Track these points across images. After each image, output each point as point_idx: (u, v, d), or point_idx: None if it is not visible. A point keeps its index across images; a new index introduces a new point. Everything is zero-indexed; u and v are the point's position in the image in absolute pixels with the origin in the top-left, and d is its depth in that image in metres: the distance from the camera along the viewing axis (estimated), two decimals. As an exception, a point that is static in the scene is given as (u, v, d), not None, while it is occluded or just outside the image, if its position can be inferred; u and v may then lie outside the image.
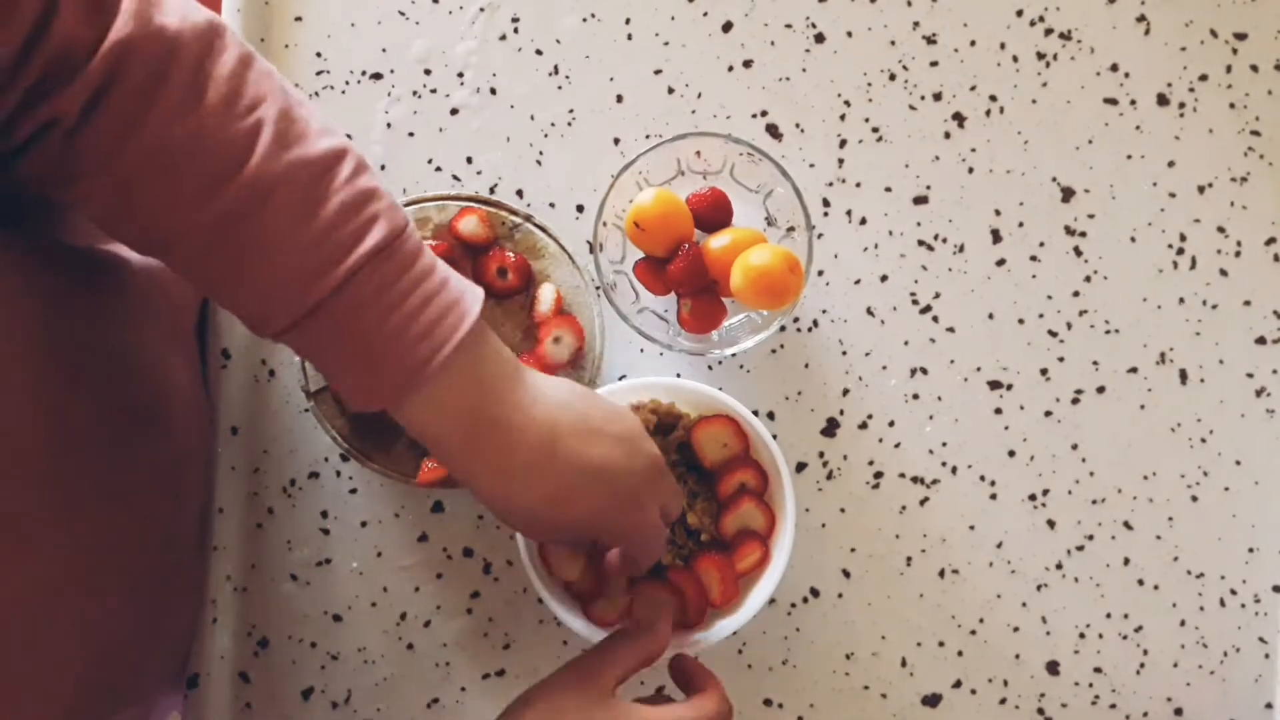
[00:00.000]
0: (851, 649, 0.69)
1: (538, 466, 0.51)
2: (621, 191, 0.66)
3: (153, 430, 0.57)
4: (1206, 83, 0.72)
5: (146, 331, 0.58)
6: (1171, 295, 0.71)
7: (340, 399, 0.66)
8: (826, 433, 0.70)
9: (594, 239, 0.65)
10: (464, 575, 0.69)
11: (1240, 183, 0.72)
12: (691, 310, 0.68)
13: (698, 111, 0.72)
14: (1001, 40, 0.73)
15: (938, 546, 0.70)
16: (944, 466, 0.70)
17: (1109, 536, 0.70)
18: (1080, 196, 0.72)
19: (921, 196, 0.72)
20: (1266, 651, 0.70)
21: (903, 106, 0.72)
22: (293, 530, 0.69)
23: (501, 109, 0.72)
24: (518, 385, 0.52)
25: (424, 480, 0.65)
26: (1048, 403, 0.71)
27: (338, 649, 0.69)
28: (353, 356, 0.48)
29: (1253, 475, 0.71)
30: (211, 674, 0.67)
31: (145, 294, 0.59)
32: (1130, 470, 0.70)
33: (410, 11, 0.72)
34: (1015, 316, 0.71)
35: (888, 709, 0.69)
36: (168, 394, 0.59)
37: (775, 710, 0.69)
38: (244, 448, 0.69)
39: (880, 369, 0.71)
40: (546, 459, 0.51)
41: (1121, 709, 0.69)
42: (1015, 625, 0.70)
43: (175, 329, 0.64)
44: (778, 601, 0.69)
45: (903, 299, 0.71)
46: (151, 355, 0.58)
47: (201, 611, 0.67)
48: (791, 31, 0.73)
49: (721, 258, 0.66)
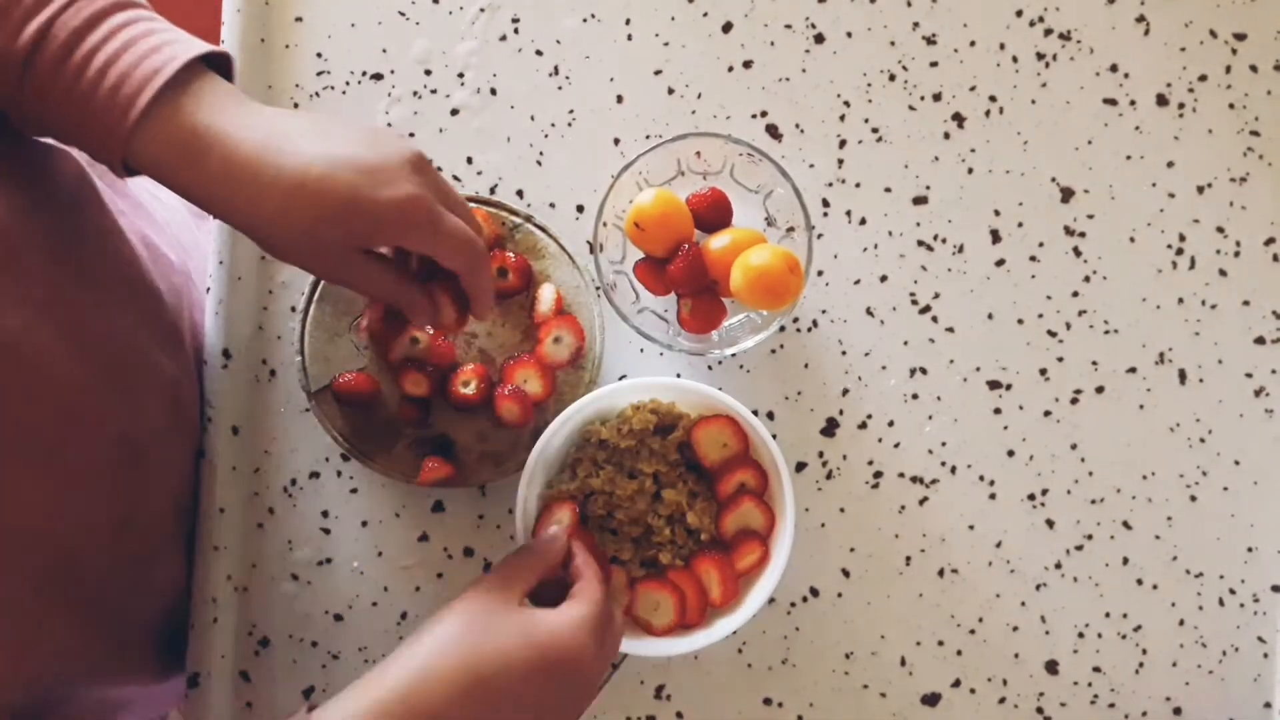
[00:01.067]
0: (851, 648, 0.69)
1: (267, 169, 0.50)
2: (621, 192, 0.66)
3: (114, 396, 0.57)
4: (1206, 83, 0.73)
5: (118, 314, 0.59)
6: (1171, 295, 0.71)
7: (335, 397, 0.67)
8: (826, 433, 0.70)
9: (594, 239, 0.65)
10: (464, 575, 0.69)
11: (1240, 183, 0.72)
12: (691, 310, 0.68)
13: (698, 112, 0.72)
14: (1001, 40, 0.73)
15: (937, 546, 0.70)
16: (943, 466, 0.70)
17: (1108, 536, 0.70)
18: (1080, 197, 0.72)
19: (921, 197, 0.72)
20: (1265, 651, 0.70)
21: (902, 107, 0.72)
22: (293, 530, 0.69)
23: (501, 109, 0.72)
24: (239, 110, 0.51)
25: (424, 480, 0.66)
26: (1047, 403, 0.71)
27: (338, 648, 0.69)
28: (67, 113, 0.49)
29: (1251, 475, 0.71)
30: (212, 674, 0.67)
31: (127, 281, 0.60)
32: (1129, 470, 0.71)
33: (410, 12, 0.73)
34: (1015, 316, 0.71)
35: (887, 708, 0.69)
36: (134, 367, 0.59)
37: (775, 709, 0.69)
38: (244, 448, 0.69)
39: (880, 369, 0.71)
40: (274, 159, 0.50)
41: (1120, 708, 0.70)
42: (1014, 625, 0.70)
43: (153, 317, 0.64)
44: (777, 601, 0.69)
45: (902, 299, 0.71)
46: (121, 329, 0.58)
47: (201, 611, 0.67)
48: (791, 32, 0.73)
49: (721, 258, 0.66)
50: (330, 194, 0.51)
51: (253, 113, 0.52)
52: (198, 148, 0.50)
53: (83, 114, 0.49)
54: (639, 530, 0.65)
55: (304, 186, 0.50)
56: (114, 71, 0.49)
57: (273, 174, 0.50)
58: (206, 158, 0.50)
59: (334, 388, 0.67)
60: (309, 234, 0.51)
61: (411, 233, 0.53)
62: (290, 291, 0.71)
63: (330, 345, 0.68)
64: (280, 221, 0.51)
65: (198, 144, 0.50)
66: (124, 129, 0.49)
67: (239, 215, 0.51)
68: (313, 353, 0.68)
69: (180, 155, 0.50)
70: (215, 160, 0.50)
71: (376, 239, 0.53)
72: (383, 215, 0.52)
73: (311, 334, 0.68)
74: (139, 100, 0.49)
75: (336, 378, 0.67)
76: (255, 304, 0.70)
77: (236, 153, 0.50)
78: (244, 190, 0.50)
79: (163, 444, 0.63)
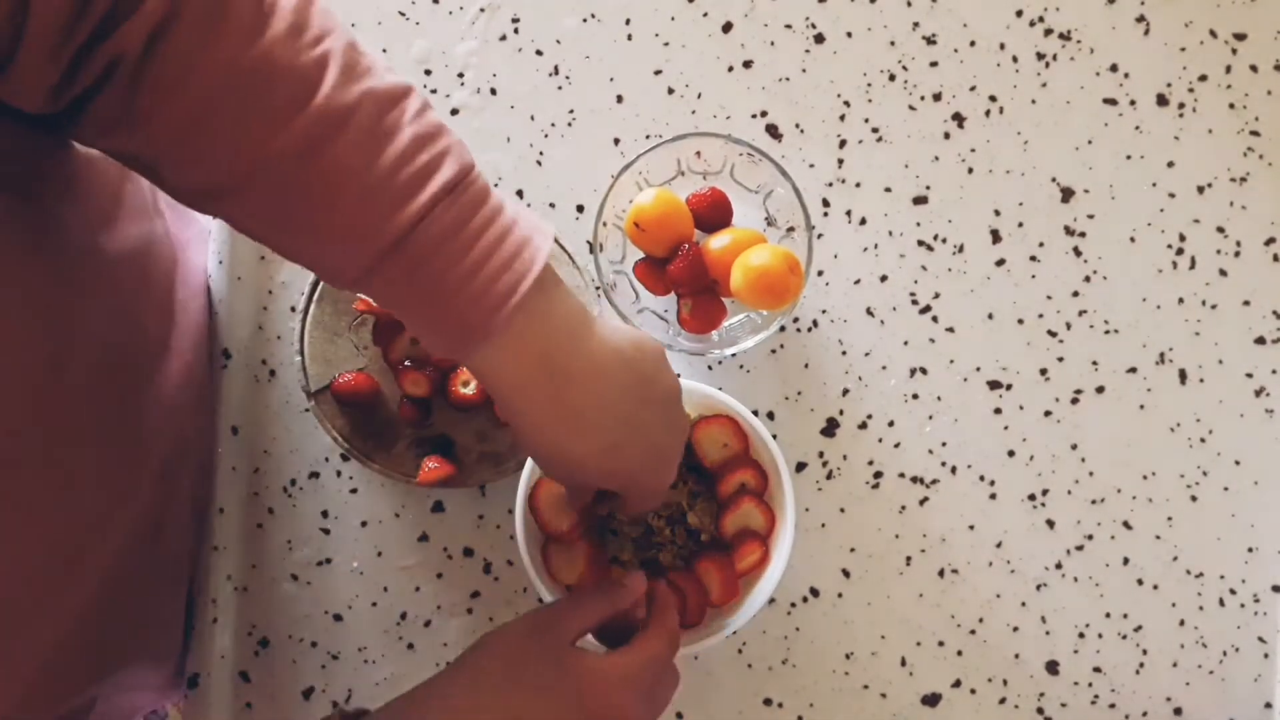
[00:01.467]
0: (851, 649, 0.69)
1: (596, 419, 0.50)
2: (621, 191, 0.66)
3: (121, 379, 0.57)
4: (1206, 83, 0.73)
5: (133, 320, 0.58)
6: (1171, 295, 0.71)
7: (338, 396, 0.67)
8: (826, 433, 0.70)
9: (594, 239, 0.65)
10: (464, 575, 0.69)
11: (1240, 183, 0.72)
12: (691, 310, 0.68)
13: (698, 111, 0.72)
14: (1001, 40, 0.73)
15: (937, 546, 0.70)
16: (944, 466, 0.70)
17: (1108, 536, 0.70)
18: (1080, 196, 0.72)
19: (921, 196, 0.72)
20: (1266, 651, 0.70)
21: (903, 106, 0.72)
22: (293, 530, 0.69)
23: (501, 109, 0.72)
24: (588, 333, 0.50)
25: (424, 480, 0.66)
26: (1047, 403, 0.71)
27: (338, 649, 0.69)
28: (428, 300, 0.46)
29: (1252, 475, 0.71)
30: (212, 674, 0.67)
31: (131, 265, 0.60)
32: (1130, 470, 0.70)
33: (410, 11, 0.72)
34: (1015, 316, 0.71)
35: (887, 709, 0.69)
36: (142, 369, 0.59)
37: (775, 710, 0.69)
38: (244, 448, 0.69)
39: (880, 369, 0.71)
40: (606, 412, 0.50)
41: (1121, 708, 0.70)
42: (1015, 625, 0.70)
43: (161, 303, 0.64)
44: (778, 601, 0.69)
45: (902, 299, 0.71)
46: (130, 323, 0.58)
47: (201, 611, 0.67)
48: (791, 32, 0.73)
49: (721, 258, 0.66)
50: (627, 463, 0.52)
51: (594, 348, 0.51)
52: (543, 381, 0.49)
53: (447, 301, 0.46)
54: (639, 530, 0.65)
55: (613, 454, 0.51)
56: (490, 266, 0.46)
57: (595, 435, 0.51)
58: (546, 393, 0.49)
59: (334, 388, 0.67)
60: (587, 480, 0.54)
61: (644, 504, 0.57)
62: (290, 291, 0.71)
63: (330, 345, 0.68)
64: (575, 467, 0.52)
65: (544, 377, 0.49)
66: (489, 328, 0.46)
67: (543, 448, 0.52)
68: (312, 353, 0.67)
69: (523, 375, 0.49)
70: (553, 397, 0.49)
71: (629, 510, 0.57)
72: (644, 493, 0.55)
73: (311, 334, 0.68)
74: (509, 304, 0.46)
75: (336, 378, 0.67)
76: (255, 304, 0.70)
77: (577, 402, 0.50)
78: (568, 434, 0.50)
79: (187, 447, 0.63)
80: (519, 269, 0.46)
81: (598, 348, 0.50)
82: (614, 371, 0.51)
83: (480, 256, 0.46)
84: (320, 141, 0.43)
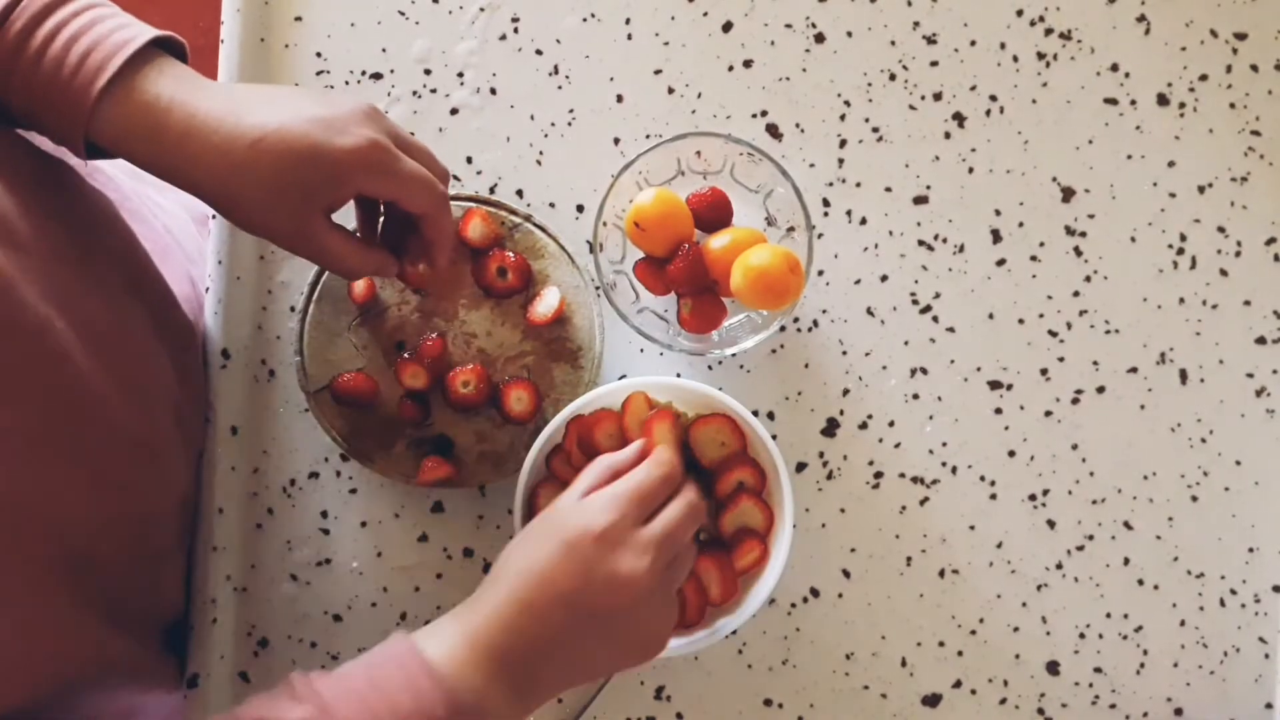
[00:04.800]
0: (851, 649, 0.69)
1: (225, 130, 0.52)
2: (621, 191, 0.66)
3: None
4: (1206, 83, 0.72)
5: (128, 315, 0.59)
6: (1171, 295, 0.71)
7: (332, 397, 0.67)
8: (826, 433, 0.70)
9: (594, 239, 0.65)
10: (464, 575, 0.69)
11: (1240, 183, 0.72)
12: (691, 310, 0.68)
13: (698, 111, 0.72)
14: (1001, 40, 0.73)
15: (938, 546, 0.70)
16: (944, 466, 0.70)
17: (1109, 536, 0.70)
18: (1080, 196, 0.72)
19: (921, 196, 0.72)
20: (1266, 651, 0.70)
21: (903, 106, 0.72)
22: (293, 530, 0.69)
23: (501, 109, 0.72)
24: (196, 83, 0.53)
25: (423, 480, 0.65)
26: (1048, 403, 0.71)
27: (338, 649, 0.69)
28: (30, 93, 0.51)
29: (1253, 475, 0.71)
30: (211, 674, 0.67)
31: None
32: (1130, 470, 0.70)
33: (410, 11, 0.72)
34: (1015, 316, 0.71)
35: (888, 709, 0.69)
36: (144, 369, 0.59)
37: (775, 710, 0.69)
38: (244, 448, 0.69)
39: (880, 369, 0.71)
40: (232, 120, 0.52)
41: (1121, 709, 0.69)
42: (1015, 625, 0.70)
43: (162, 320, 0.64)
44: (778, 601, 0.69)
45: (903, 299, 0.71)
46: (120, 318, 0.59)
47: (201, 611, 0.67)
48: (791, 31, 0.73)
49: (721, 258, 0.66)
50: (289, 146, 0.52)
51: (210, 85, 0.54)
52: (158, 118, 0.52)
53: (46, 93, 0.51)
54: (639, 530, 0.64)
55: (263, 140, 0.52)
56: (76, 51, 0.51)
57: (232, 134, 0.52)
58: (167, 126, 0.52)
59: (333, 388, 0.67)
60: (270, 188, 0.53)
61: (371, 177, 0.54)
62: (290, 291, 0.70)
63: (330, 345, 0.68)
64: (240, 179, 0.52)
65: (158, 114, 0.52)
66: (87, 104, 0.51)
67: (200, 178, 0.53)
68: (312, 353, 0.67)
69: (142, 126, 0.52)
70: (176, 128, 0.52)
71: (337, 188, 0.54)
72: (341, 161, 0.53)
73: (311, 334, 0.68)
74: (101, 77, 0.50)
75: (336, 378, 0.67)
76: (254, 304, 0.70)
77: (195, 118, 0.52)
78: (204, 153, 0.52)
79: (172, 445, 0.63)
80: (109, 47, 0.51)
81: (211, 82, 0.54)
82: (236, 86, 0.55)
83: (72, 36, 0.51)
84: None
